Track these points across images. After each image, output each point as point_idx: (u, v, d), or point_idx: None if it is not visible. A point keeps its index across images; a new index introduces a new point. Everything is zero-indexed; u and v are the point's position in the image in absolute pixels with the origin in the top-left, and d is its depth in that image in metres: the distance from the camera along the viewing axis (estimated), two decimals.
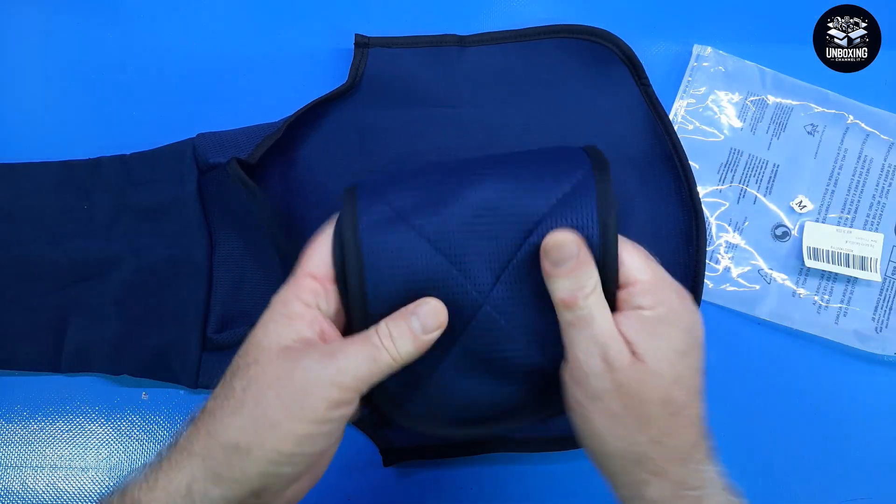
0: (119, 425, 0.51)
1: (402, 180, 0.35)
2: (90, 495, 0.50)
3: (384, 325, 0.31)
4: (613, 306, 0.32)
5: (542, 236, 0.32)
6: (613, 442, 0.31)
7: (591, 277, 0.31)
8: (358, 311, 0.33)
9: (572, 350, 0.31)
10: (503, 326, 0.34)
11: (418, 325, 0.31)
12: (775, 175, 0.55)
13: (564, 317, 0.32)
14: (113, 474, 0.50)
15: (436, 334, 0.32)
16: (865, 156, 0.55)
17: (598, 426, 0.31)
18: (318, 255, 0.33)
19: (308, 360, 0.29)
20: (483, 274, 0.33)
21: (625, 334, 0.31)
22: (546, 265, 0.31)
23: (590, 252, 0.31)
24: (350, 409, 0.30)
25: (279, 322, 0.31)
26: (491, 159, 0.36)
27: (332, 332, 0.32)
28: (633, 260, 0.32)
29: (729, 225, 0.54)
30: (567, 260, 0.31)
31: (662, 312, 0.31)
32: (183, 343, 0.49)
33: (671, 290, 0.32)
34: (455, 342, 0.34)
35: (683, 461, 0.30)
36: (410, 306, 0.32)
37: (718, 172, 0.55)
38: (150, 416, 0.51)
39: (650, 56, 0.57)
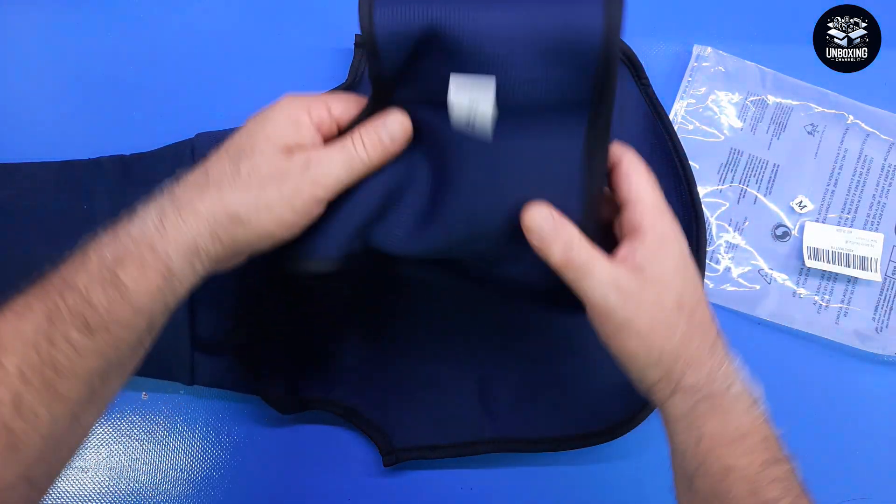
0: (119, 425, 0.51)
1: None
2: (90, 495, 0.50)
3: (358, 135, 0.36)
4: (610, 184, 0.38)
5: None
6: (650, 353, 0.35)
7: (571, 234, 0.35)
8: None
9: (589, 297, 0.35)
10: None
11: (386, 134, 0.36)
12: (775, 175, 0.55)
13: (568, 276, 0.35)
14: (113, 474, 0.50)
15: (401, 143, 0.37)
16: (865, 156, 0.55)
17: (633, 347, 0.35)
18: (344, 103, 0.37)
19: (301, 163, 0.35)
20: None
21: (632, 259, 0.35)
22: (533, 241, 0.36)
23: (561, 215, 0.35)
24: (323, 207, 0.36)
25: (285, 124, 0.36)
26: None
27: (321, 143, 0.37)
28: (641, 179, 0.37)
29: (729, 225, 0.54)
30: (543, 229, 0.35)
31: (661, 234, 0.36)
32: (175, 341, 0.49)
33: (667, 211, 0.37)
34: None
35: (711, 351, 0.35)
36: (379, 117, 0.37)
37: (718, 172, 0.55)
38: (149, 416, 0.51)
39: (650, 56, 0.57)
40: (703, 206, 0.53)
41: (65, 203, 0.52)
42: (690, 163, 0.53)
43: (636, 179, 0.37)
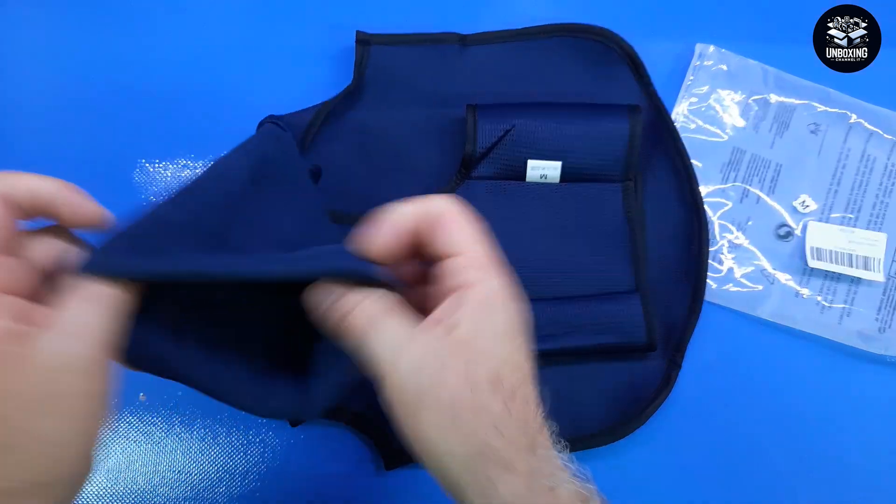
0: (116, 426, 0.50)
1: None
2: (87, 497, 0.49)
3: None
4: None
5: None
6: (451, 442, 0.27)
7: (353, 299, 0.29)
8: None
9: (377, 365, 0.28)
10: None
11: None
12: (778, 174, 0.55)
13: (349, 342, 0.29)
14: (110, 476, 0.50)
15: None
16: (869, 155, 0.55)
17: (427, 428, 0.27)
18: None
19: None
20: None
21: (445, 318, 0.28)
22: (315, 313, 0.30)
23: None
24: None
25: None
26: None
27: None
28: (466, 228, 0.30)
29: (732, 225, 0.54)
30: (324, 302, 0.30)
31: (488, 292, 0.29)
32: None
33: (499, 269, 0.30)
34: None
35: (531, 448, 0.27)
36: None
37: (721, 172, 0.55)
38: (147, 418, 0.51)
39: (652, 55, 0.56)
40: (705, 205, 0.53)
41: None
42: (693, 162, 0.53)
43: (459, 228, 0.29)
